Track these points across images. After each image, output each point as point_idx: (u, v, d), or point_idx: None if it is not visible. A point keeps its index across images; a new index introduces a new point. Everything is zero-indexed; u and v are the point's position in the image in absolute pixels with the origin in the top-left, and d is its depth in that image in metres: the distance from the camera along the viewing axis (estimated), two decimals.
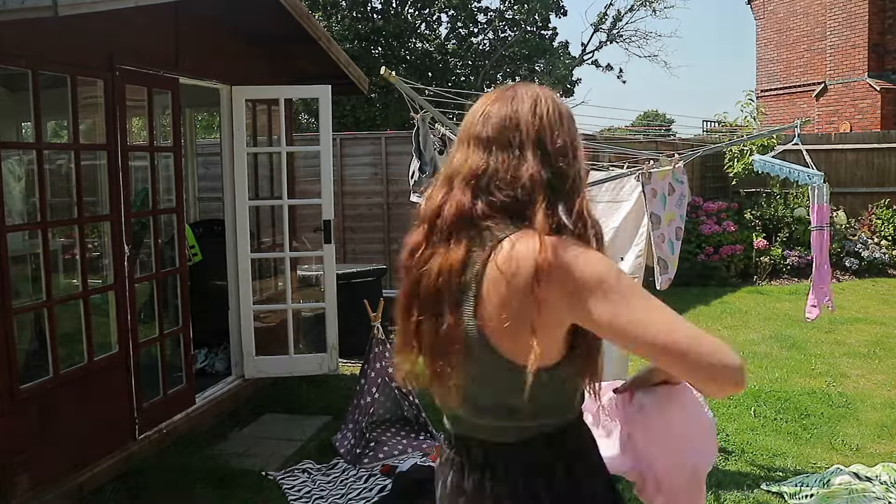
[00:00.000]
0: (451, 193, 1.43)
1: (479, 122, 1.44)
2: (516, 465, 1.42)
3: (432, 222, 1.48)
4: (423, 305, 1.43)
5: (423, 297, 1.43)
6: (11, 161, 4.40)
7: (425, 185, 4.12)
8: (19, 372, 3.55)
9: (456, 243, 1.40)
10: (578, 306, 1.31)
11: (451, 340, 1.37)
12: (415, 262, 1.46)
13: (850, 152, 12.18)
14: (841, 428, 4.90)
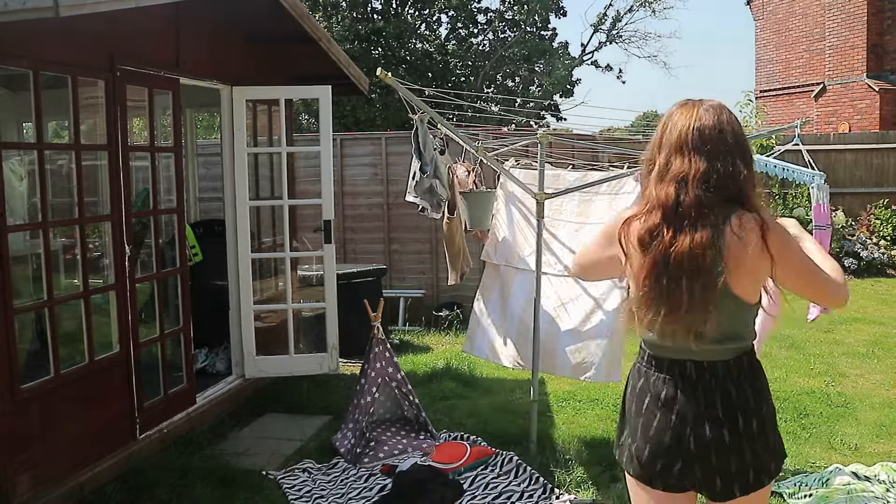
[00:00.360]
0: (685, 190, 1.93)
1: (696, 136, 1.97)
2: (729, 375, 2.01)
3: (668, 209, 1.94)
4: (674, 272, 1.92)
5: (672, 266, 1.92)
6: (13, 161, 4.40)
7: (427, 185, 4.13)
8: (20, 372, 3.56)
9: (701, 225, 1.91)
10: (781, 256, 1.93)
11: (708, 294, 1.91)
12: (658, 241, 1.94)
13: (849, 153, 12.19)
14: (840, 427, 4.91)
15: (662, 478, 2.04)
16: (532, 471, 4.13)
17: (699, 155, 1.95)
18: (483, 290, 4.85)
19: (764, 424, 2.02)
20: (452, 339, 7.63)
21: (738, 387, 2.01)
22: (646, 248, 1.95)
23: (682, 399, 2.01)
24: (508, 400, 5.54)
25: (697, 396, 2.00)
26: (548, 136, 4.43)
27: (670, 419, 2.02)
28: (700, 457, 1.99)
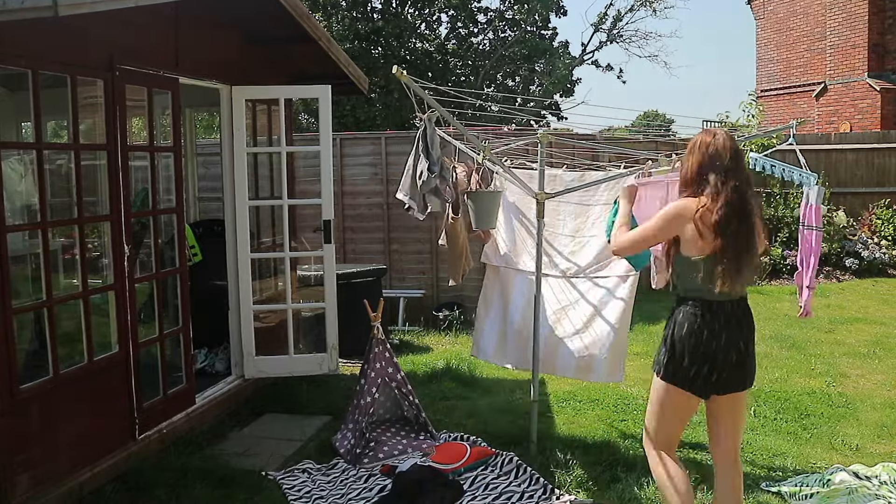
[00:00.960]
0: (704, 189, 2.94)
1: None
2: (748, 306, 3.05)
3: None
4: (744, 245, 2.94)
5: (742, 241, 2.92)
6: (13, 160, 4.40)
7: (433, 185, 4.12)
8: (19, 372, 3.55)
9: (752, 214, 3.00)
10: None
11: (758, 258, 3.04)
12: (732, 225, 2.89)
13: (850, 152, 12.18)
14: (841, 428, 4.90)
15: (713, 386, 2.96)
16: (532, 471, 4.12)
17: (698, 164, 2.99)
18: (485, 293, 4.85)
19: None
20: (452, 339, 7.62)
21: (751, 317, 3.05)
22: (723, 230, 2.84)
23: (729, 327, 2.93)
24: (508, 400, 5.53)
25: (736, 324, 2.96)
26: (548, 136, 4.42)
27: (721, 341, 2.91)
28: (738, 364, 2.95)
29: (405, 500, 3.83)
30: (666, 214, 3.01)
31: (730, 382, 2.97)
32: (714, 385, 2.95)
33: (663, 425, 3.11)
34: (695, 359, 2.92)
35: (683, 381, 2.97)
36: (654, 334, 7.45)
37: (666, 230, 3.01)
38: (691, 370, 2.93)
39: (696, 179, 2.94)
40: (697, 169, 2.94)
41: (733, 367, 2.94)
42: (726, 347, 2.91)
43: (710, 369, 2.92)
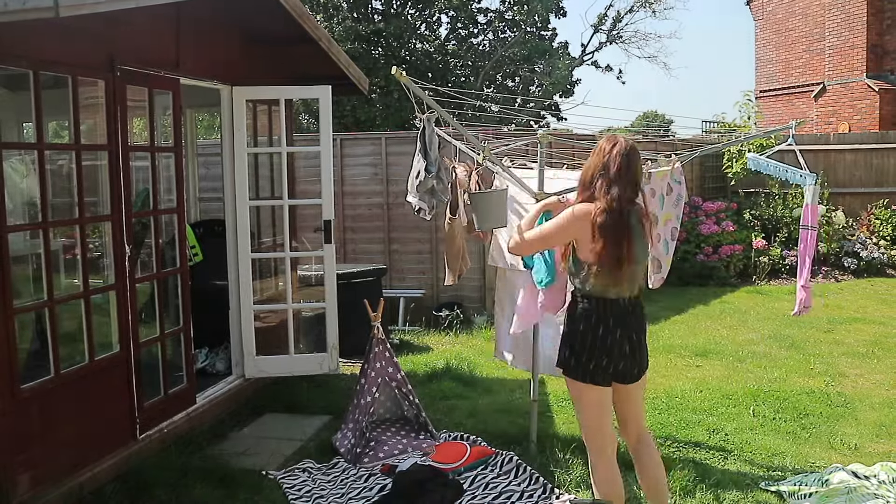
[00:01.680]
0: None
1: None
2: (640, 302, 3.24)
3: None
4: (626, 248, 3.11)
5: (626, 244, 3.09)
6: (14, 160, 4.40)
7: (429, 185, 4.13)
8: (20, 371, 3.56)
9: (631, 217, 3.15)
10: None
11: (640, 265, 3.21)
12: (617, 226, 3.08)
13: (849, 153, 12.20)
14: (839, 427, 4.91)
15: (611, 375, 3.14)
16: (532, 471, 4.13)
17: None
18: (498, 296, 4.85)
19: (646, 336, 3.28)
20: (452, 339, 7.63)
21: (642, 311, 3.25)
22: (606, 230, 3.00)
23: (623, 321, 3.12)
24: (508, 400, 5.54)
25: (629, 318, 3.15)
26: (548, 136, 4.43)
27: (616, 335, 3.10)
28: (631, 355, 3.15)
29: (405, 500, 3.84)
30: (569, 216, 3.13)
31: (626, 371, 3.17)
32: (612, 375, 3.15)
33: (584, 422, 3.26)
34: (593, 352, 3.11)
35: (585, 375, 3.14)
36: (653, 334, 7.46)
37: (571, 228, 3.13)
38: (591, 364, 3.12)
39: (589, 182, 3.11)
40: (591, 172, 3.11)
41: (627, 358, 3.14)
42: (621, 340, 3.11)
43: (608, 361, 3.11)
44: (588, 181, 3.12)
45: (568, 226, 3.13)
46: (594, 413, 3.20)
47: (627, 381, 3.19)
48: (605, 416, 3.21)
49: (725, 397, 5.54)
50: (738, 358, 6.71)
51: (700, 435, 4.77)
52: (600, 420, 3.20)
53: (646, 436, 3.37)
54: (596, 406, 3.19)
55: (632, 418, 3.31)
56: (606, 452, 3.21)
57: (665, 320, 8.22)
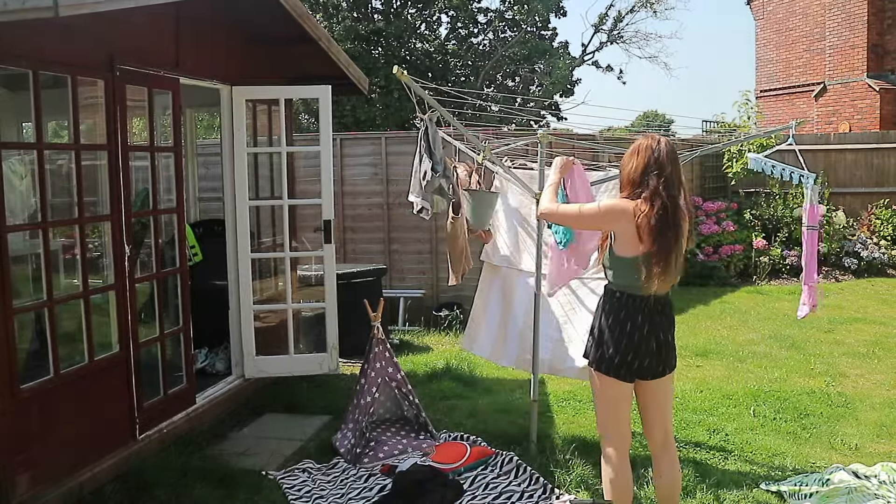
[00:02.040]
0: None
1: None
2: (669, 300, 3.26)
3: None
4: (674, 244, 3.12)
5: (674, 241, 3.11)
6: (13, 160, 4.40)
7: (437, 185, 4.13)
8: (20, 372, 3.56)
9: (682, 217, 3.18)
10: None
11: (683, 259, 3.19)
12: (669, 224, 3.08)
13: (850, 152, 12.19)
14: (840, 427, 4.91)
15: (636, 371, 3.14)
16: (532, 471, 4.12)
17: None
18: (482, 290, 4.85)
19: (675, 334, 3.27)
20: (452, 339, 7.63)
21: (671, 309, 3.25)
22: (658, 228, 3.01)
23: (651, 318, 3.13)
24: (508, 400, 5.54)
25: (657, 315, 3.15)
26: (548, 136, 4.42)
27: (643, 331, 3.11)
28: (657, 353, 3.15)
29: (405, 500, 3.83)
30: (609, 208, 3.16)
31: (651, 369, 3.16)
32: (636, 371, 3.15)
33: (602, 416, 3.27)
34: (619, 346, 3.12)
35: (609, 369, 3.15)
36: None
37: (602, 222, 3.20)
38: (616, 357, 3.13)
39: (638, 181, 3.08)
40: (642, 171, 3.08)
41: (654, 355, 3.14)
42: (648, 337, 3.12)
43: (633, 357, 3.12)
44: (638, 180, 3.08)
45: (607, 219, 3.15)
46: (612, 408, 3.21)
47: (650, 377, 3.18)
48: (622, 413, 3.22)
49: (726, 397, 5.53)
50: (739, 358, 6.70)
51: (700, 435, 4.77)
52: (617, 416, 3.22)
53: (670, 443, 3.33)
54: (615, 401, 3.20)
55: (657, 421, 3.28)
56: (620, 449, 3.21)
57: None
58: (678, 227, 3.05)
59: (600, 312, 3.23)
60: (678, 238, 3.06)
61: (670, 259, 3.03)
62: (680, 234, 3.07)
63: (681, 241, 3.09)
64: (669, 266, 3.04)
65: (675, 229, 3.04)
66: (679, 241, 3.07)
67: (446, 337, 7.72)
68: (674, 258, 3.05)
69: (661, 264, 3.03)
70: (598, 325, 3.23)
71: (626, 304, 3.13)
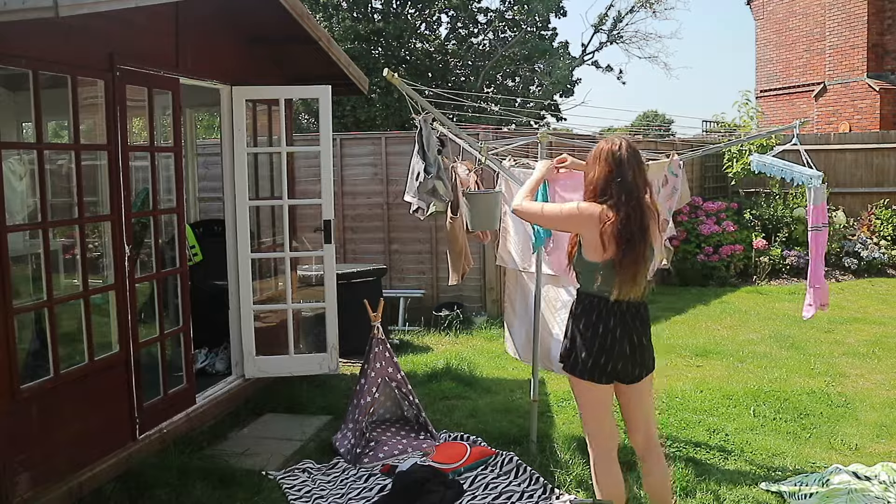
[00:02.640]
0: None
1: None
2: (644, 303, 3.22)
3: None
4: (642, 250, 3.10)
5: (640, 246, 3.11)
6: (13, 160, 4.40)
7: (430, 186, 4.12)
8: (20, 372, 3.56)
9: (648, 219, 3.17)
10: None
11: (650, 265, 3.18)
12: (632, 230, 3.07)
13: (850, 152, 12.19)
14: (840, 428, 4.91)
15: (610, 374, 3.11)
16: (532, 471, 4.12)
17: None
18: (508, 296, 4.85)
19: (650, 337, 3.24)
20: (452, 339, 7.63)
21: (645, 312, 3.22)
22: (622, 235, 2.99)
23: (623, 322, 3.10)
24: (508, 400, 5.54)
25: (631, 319, 3.12)
26: (548, 136, 4.42)
27: (615, 335, 3.08)
28: (632, 355, 3.12)
29: (405, 500, 3.83)
30: (571, 212, 3.13)
31: (627, 372, 3.14)
32: (611, 374, 3.13)
33: (587, 421, 3.26)
34: (591, 350, 3.10)
35: (583, 372, 3.13)
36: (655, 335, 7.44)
37: (570, 223, 3.17)
38: (588, 361, 3.11)
39: (601, 189, 3.05)
40: (605, 179, 3.05)
41: (628, 358, 3.12)
42: (621, 340, 3.09)
43: (606, 360, 3.10)
44: (602, 189, 3.05)
45: (572, 221, 3.13)
46: (594, 411, 3.21)
47: (627, 381, 3.17)
48: (604, 415, 3.21)
49: (726, 397, 5.53)
50: (739, 358, 6.70)
51: (700, 435, 4.76)
52: (600, 418, 3.20)
53: (654, 445, 3.31)
54: (595, 404, 3.20)
55: (640, 423, 3.27)
56: (607, 451, 3.21)
57: (665, 320, 8.21)
58: (644, 231, 3.02)
59: (572, 316, 3.21)
60: (646, 242, 3.04)
61: (638, 265, 3.01)
62: (648, 238, 3.05)
63: (649, 245, 3.07)
64: (637, 273, 3.02)
65: (642, 234, 3.01)
66: (647, 246, 3.05)
67: (446, 337, 7.72)
68: (641, 264, 3.02)
69: (627, 271, 3.01)
70: (570, 329, 3.21)
71: (596, 308, 3.11)
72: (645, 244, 3.03)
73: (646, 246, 3.04)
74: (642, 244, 3.02)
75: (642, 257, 3.02)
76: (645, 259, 3.04)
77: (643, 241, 3.02)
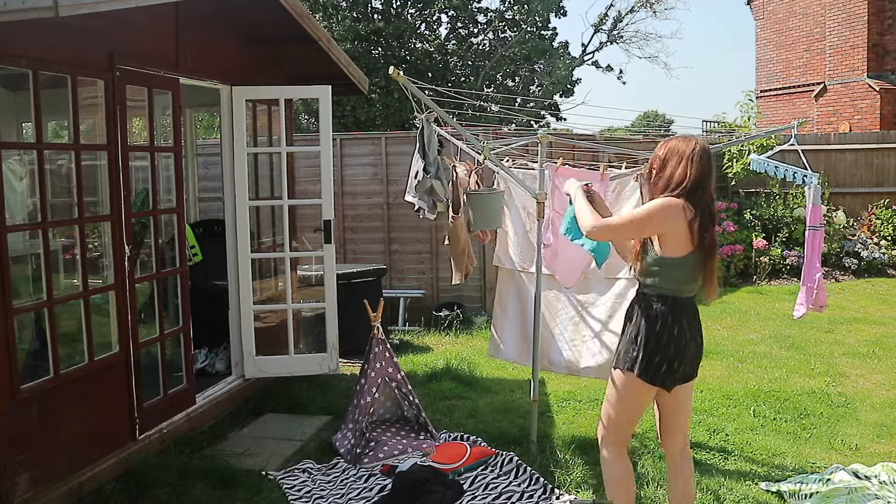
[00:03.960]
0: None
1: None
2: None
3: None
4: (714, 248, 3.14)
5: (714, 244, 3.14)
6: (13, 160, 4.40)
7: (428, 185, 4.12)
8: (20, 372, 3.55)
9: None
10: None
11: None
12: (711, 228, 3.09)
13: (850, 152, 12.19)
14: (840, 428, 4.91)
15: (679, 378, 3.10)
16: (532, 471, 4.12)
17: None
18: (500, 297, 4.84)
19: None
20: (452, 339, 7.63)
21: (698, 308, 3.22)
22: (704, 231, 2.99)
23: (692, 322, 3.12)
24: (508, 400, 5.54)
25: (695, 318, 3.18)
26: (548, 136, 4.42)
27: (687, 336, 3.07)
28: (696, 355, 3.17)
29: (405, 500, 3.83)
30: (664, 209, 2.97)
31: (688, 373, 3.17)
32: (680, 377, 3.12)
33: (621, 420, 3.21)
34: (667, 353, 3.05)
35: (655, 377, 3.07)
36: None
37: (656, 223, 3.00)
38: (663, 365, 3.05)
39: (689, 189, 2.98)
40: (695, 181, 2.98)
41: (693, 359, 3.17)
42: (690, 341, 3.11)
43: (679, 363, 3.08)
44: (689, 188, 2.97)
45: (658, 219, 3.00)
46: (634, 411, 3.20)
47: (684, 381, 3.17)
48: (640, 413, 3.26)
49: (726, 397, 5.53)
50: (739, 358, 6.70)
51: (700, 435, 4.76)
52: (635, 415, 3.23)
53: (687, 450, 3.30)
54: (640, 406, 3.20)
55: (680, 427, 3.25)
56: (623, 449, 3.23)
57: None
58: (713, 229, 3.06)
59: (641, 318, 3.08)
60: (714, 244, 3.06)
61: (715, 262, 3.07)
62: (715, 240, 3.08)
63: (716, 243, 3.11)
64: (715, 269, 3.07)
65: (713, 231, 3.04)
66: (716, 243, 3.09)
67: (446, 337, 7.72)
68: (715, 259, 3.07)
69: (707, 266, 3.04)
70: (640, 332, 3.07)
71: (672, 309, 3.05)
72: (714, 244, 3.06)
73: (715, 238, 3.07)
74: (713, 243, 3.04)
75: (715, 249, 3.06)
76: (716, 251, 3.08)
77: (713, 241, 3.04)
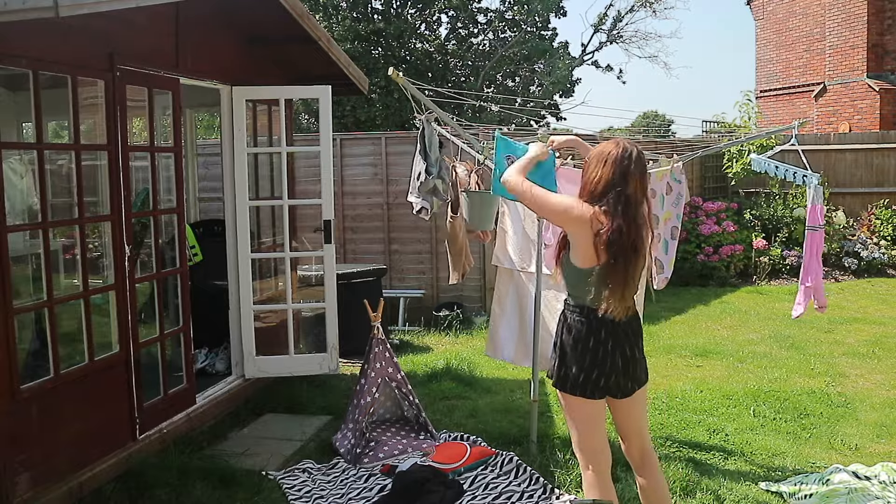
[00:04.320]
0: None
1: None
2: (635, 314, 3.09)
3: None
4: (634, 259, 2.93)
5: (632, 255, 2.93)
6: (13, 160, 4.40)
7: (431, 185, 4.12)
8: (20, 372, 3.56)
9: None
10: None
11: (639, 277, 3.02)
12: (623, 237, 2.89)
13: (850, 152, 12.19)
14: (840, 428, 4.91)
15: (602, 389, 2.98)
16: (532, 471, 4.12)
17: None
18: (499, 296, 4.84)
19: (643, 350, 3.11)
20: (452, 339, 7.63)
21: (637, 324, 3.08)
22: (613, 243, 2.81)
23: (615, 334, 2.94)
24: (508, 400, 5.54)
25: (622, 332, 2.97)
26: (548, 136, 4.42)
27: (607, 347, 2.93)
28: (623, 369, 2.98)
29: (405, 500, 3.83)
30: (570, 208, 2.88)
31: (619, 386, 3.01)
32: (603, 389, 2.98)
33: (578, 436, 3.08)
34: (582, 364, 2.95)
35: (574, 387, 2.98)
36: (653, 334, 7.46)
37: (557, 216, 2.94)
38: (580, 376, 2.96)
39: (600, 193, 2.83)
40: (606, 184, 2.83)
41: (619, 372, 2.98)
42: (612, 353, 2.94)
43: (598, 374, 2.95)
44: (601, 193, 2.83)
45: (560, 215, 2.91)
46: (585, 427, 3.05)
47: (619, 395, 3.03)
48: (596, 431, 3.05)
49: (726, 397, 5.54)
50: (739, 358, 6.70)
51: (700, 435, 4.77)
52: (593, 435, 3.05)
53: (650, 457, 3.18)
54: (588, 420, 3.04)
55: (633, 435, 3.15)
56: (599, 468, 3.04)
57: (665, 320, 8.22)
58: (636, 247, 2.84)
59: (561, 327, 3.03)
60: (637, 259, 2.86)
61: (627, 282, 2.83)
62: (641, 253, 2.87)
63: (640, 258, 2.88)
64: (626, 289, 2.84)
65: (634, 250, 2.83)
66: (638, 262, 2.87)
67: (446, 337, 7.72)
68: (631, 282, 2.84)
69: (616, 286, 2.82)
70: (559, 341, 3.03)
71: (588, 320, 2.93)
72: (636, 260, 2.85)
73: (637, 263, 2.86)
74: (634, 260, 2.84)
75: (632, 274, 2.84)
76: (635, 276, 2.86)
77: (635, 258, 2.84)
